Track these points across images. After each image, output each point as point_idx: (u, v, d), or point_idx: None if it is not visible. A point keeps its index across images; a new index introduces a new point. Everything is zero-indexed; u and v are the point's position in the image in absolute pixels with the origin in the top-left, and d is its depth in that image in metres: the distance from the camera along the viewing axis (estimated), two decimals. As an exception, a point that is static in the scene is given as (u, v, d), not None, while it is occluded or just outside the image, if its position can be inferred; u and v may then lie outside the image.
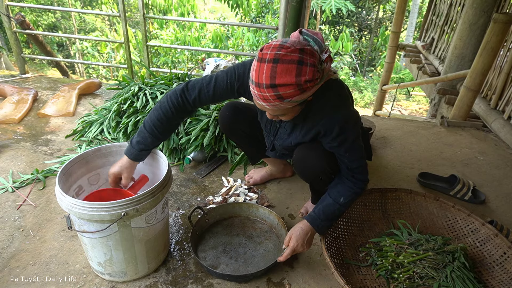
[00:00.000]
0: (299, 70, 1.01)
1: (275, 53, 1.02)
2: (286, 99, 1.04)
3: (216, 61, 2.60)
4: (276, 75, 1.01)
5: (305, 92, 1.05)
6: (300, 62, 1.01)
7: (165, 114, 1.34)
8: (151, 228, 1.24)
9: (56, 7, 7.90)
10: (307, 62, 1.02)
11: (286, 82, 1.01)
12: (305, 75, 1.01)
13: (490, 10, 3.31)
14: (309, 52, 1.03)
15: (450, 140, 2.57)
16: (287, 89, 1.02)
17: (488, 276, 1.35)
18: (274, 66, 1.01)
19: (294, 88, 1.02)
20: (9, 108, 2.55)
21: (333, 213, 1.32)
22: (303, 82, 1.02)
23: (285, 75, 1.01)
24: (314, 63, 1.03)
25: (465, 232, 1.51)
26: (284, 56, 1.01)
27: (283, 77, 1.01)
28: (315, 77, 1.04)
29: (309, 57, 1.03)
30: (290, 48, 1.02)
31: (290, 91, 1.02)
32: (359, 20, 10.88)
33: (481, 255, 1.42)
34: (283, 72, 1.01)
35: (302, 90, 1.03)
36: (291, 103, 1.07)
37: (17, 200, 1.70)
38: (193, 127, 2.12)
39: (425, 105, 8.63)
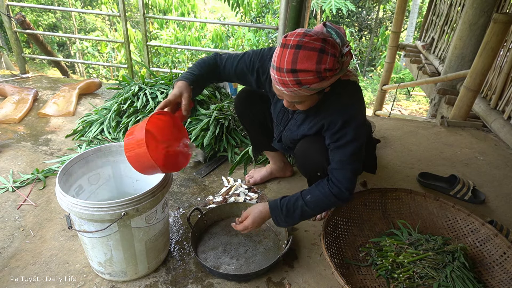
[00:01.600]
0: (320, 58, 1.04)
1: (298, 40, 1.05)
2: (305, 85, 1.07)
3: (216, 61, 2.60)
4: (298, 61, 1.04)
5: (324, 81, 1.08)
6: (322, 50, 1.04)
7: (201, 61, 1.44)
8: (151, 228, 1.24)
9: (56, 7, 7.91)
10: (328, 51, 1.05)
11: (307, 68, 1.04)
12: (325, 63, 1.04)
13: (490, 10, 3.31)
14: (331, 43, 1.07)
15: (450, 140, 2.57)
16: (306, 75, 1.05)
17: (488, 276, 1.35)
18: (296, 51, 1.04)
19: (314, 75, 1.05)
20: (10, 108, 2.55)
21: (295, 210, 1.27)
22: (322, 69, 1.04)
23: (306, 61, 1.04)
24: (335, 54, 1.06)
25: (465, 232, 1.51)
26: (307, 43, 1.04)
27: (304, 63, 1.04)
28: (335, 67, 1.07)
29: (331, 48, 1.06)
30: (313, 36, 1.05)
31: (310, 78, 1.05)
32: (359, 20, 10.88)
33: (481, 255, 1.42)
34: (304, 58, 1.04)
35: (321, 77, 1.06)
36: (309, 90, 1.09)
37: (18, 199, 1.70)
38: (193, 127, 2.12)
39: (425, 105, 8.63)
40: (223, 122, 2.14)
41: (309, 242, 1.55)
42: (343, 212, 1.55)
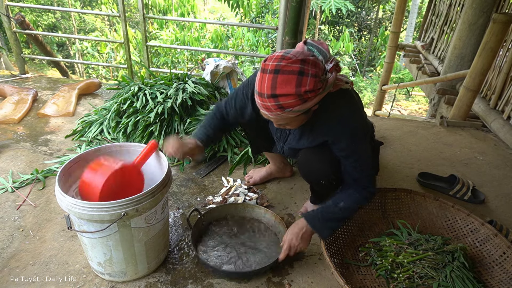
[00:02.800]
0: (299, 81, 1.03)
1: (276, 64, 1.04)
2: (287, 109, 1.06)
3: (216, 61, 2.60)
4: (277, 86, 1.04)
5: (307, 102, 1.06)
6: (301, 72, 1.03)
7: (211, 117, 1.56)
8: (151, 228, 1.24)
9: (56, 7, 7.90)
10: (308, 72, 1.03)
11: (286, 92, 1.03)
12: (305, 85, 1.03)
13: (489, 10, 3.31)
14: (311, 63, 1.05)
15: (450, 140, 2.57)
16: (287, 99, 1.04)
17: (487, 276, 1.35)
18: (275, 76, 1.04)
19: (295, 98, 1.04)
20: (9, 108, 2.55)
21: (331, 215, 1.31)
22: (303, 92, 1.03)
23: (285, 86, 1.03)
24: (316, 74, 1.05)
25: (465, 232, 1.52)
26: (285, 67, 1.03)
27: (283, 88, 1.03)
28: (317, 87, 1.05)
29: (311, 68, 1.04)
30: (291, 59, 1.04)
31: (291, 101, 1.04)
32: (359, 20, 10.88)
33: (481, 255, 1.43)
34: (283, 82, 1.03)
35: (303, 100, 1.05)
36: (293, 112, 1.08)
37: (17, 200, 1.70)
38: (193, 127, 2.12)
39: (425, 105, 8.63)
40: (223, 122, 2.13)
41: (309, 242, 1.55)
42: None
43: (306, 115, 1.17)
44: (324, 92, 1.10)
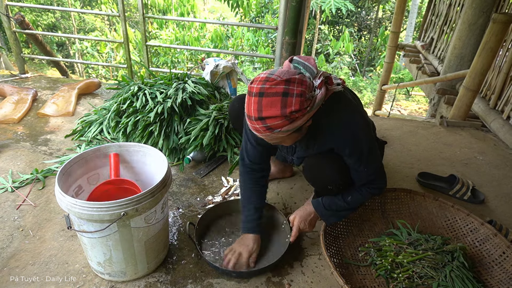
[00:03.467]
0: (284, 102, 1.02)
1: (260, 87, 1.04)
2: (276, 130, 1.06)
3: (216, 61, 2.60)
4: (262, 109, 1.04)
5: (295, 122, 1.06)
6: (285, 94, 1.03)
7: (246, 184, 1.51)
8: (151, 228, 1.24)
9: (55, 7, 7.90)
10: (293, 93, 1.03)
11: (272, 114, 1.03)
12: (290, 106, 1.03)
13: (489, 10, 3.31)
14: (297, 82, 1.04)
15: (450, 140, 2.57)
16: (274, 121, 1.04)
17: (487, 276, 1.35)
18: (260, 100, 1.04)
19: (282, 119, 1.04)
20: (9, 108, 2.55)
21: (337, 206, 1.37)
22: (288, 113, 1.03)
23: (270, 108, 1.03)
24: (301, 93, 1.04)
25: (464, 232, 1.52)
26: (269, 89, 1.03)
27: (268, 110, 1.03)
28: (303, 107, 1.05)
29: (296, 87, 1.04)
30: (275, 80, 1.03)
31: (278, 122, 1.04)
32: (359, 20, 10.88)
33: (480, 255, 1.43)
34: (268, 105, 1.03)
35: (290, 120, 1.05)
36: (282, 132, 1.08)
37: (17, 200, 1.70)
38: (192, 127, 2.12)
39: (425, 105, 8.63)
40: (223, 122, 2.13)
41: (309, 242, 1.55)
42: None
43: (299, 132, 1.17)
44: (313, 109, 1.10)
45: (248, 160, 1.49)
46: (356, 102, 1.33)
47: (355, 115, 1.25)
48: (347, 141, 1.23)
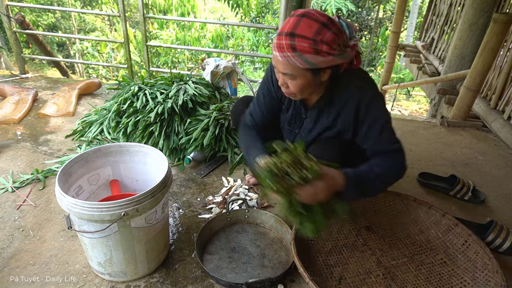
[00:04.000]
0: (320, 29, 1.05)
1: (306, 11, 1.09)
2: (298, 52, 1.07)
3: (216, 61, 2.60)
4: (298, 26, 1.06)
5: (318, 55, 1.06)
6: (325, 24, 1.06)
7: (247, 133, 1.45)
8: (151, 228, 1.24)
9: (56, 7, 7.91)
10: (331, 28, 1.06)
11: (304, 34, 1.05)
12: (324, 35, 1.05)
13: (490, 10, 3.31)
14: (336, 26, 1.09)
15: (450, 140, 2.57)
16: (302, 42, 1.05)
17: (453, 266, 1.38)
18: (300, 19, 1.07)
19: (310, 43, 1.05)
20: (9, 108, 2.55)
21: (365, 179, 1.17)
22: (319, 40, 1.05)
23: (305, 28, 1.05)
24: (337, 34, 1.07)
25: (428, 225, 1.54)
26: (313, 15, 1.07)
27: (303, 29, 1.05)
28: (333, 45, 1.07)
29: (335, 28, 1.07)
30: (322, 13, 1.09)
31: (305, 45, 1.05)
32: (359, 20, 10.87)
33: (445, 245, 1.46)
34: (305, 25, 1.06)
35: (316, 50, 1.06)
36: (302, 61, 1.08)
37: (17, 200, 1.70)
38: (193, 127, 2.12)
39: (425, 105, 8.63)
40: (223, 122, 2.13)
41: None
42: None
43: (314, 77, 1.15)
44: (339, 58, 1.10)
45: (250, 120, 1.48)
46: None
47: (373, 84, 1.25)
48: (363, 100, 1.20)
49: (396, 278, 1.32)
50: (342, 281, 1.32)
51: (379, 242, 1.50)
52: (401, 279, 1.32)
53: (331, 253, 1.44)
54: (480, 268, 1.30)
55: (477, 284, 1.27)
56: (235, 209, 1.64)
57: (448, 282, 1.31)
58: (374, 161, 1.23)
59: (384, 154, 1.23)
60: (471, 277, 1.30)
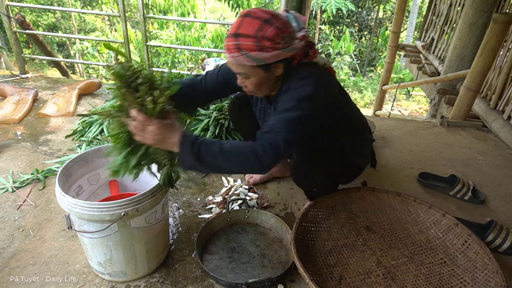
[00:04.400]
0: (261, 26, 1.08)
1: (250, 10, 1.12)
2: (243, 51, 1.09)
3: (216, 61, 2.60)
4: (241, 26, 1.10)
5: (263, 52, 1.09)
6: (267, 21, 1.08)
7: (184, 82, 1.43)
8: (151, 228, 1.24)
9: (56, 7, 7.91)
10: (273, 23, 1.09)
11: (246, 33, 1.08)
12: (265, 31, 1.07)
13: (490, 10, 3.31)
14: (281, 20, 1.11)
15: (450, 140, 2.57)
16: (246, 41, 1.08)
17: (453, 266, 1.37)
18: (243, 19, 1.11)
19: (253, 41, 1.08)
20: (9, 108, 2.55)
21: (207, 151, 1.08)
22: (260, 36, 1.07)
23: (247, 27, 1.09)
24: (280, 28, 1.09)
25: (428, 224, 1.55)
26: (254, 13, 1.10)
27: (245, 28, 1.09)
28: (276, 40, 1.08)
29: (278, 22, 1.09)
30: (265, 10, 1.11)
31: (248, 43, 1.08)
32: (359, 20, 10.88)
33: (445, 245, 1.46)
34: (247, 24, 1.09)
35: (259, 46, 1.08)
36: (249, 59, 1.10)
37: (17, 200, 1.70)
38: (193, 127, 2.12)
39: (425, 105, 8.63)
40: (223, 122, 2.13)
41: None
42: (310, 217, 1.53)
43: (266, 73, 1.17)
44: (286, 51, 1.12)
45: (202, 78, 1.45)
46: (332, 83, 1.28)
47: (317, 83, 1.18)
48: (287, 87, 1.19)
49: (396, 278, 1.32)
50: (342, 281, 1.32)
51: (379, 242, 1.49)
52: (401, 279, 1.32)
53: (331, 253, 1.44)
54: (480, 268, 1.30)
55: (477, 284, 1.27)
56: (235, 209, 1.64)
57: (448, 282, 1.31)
58: (233, 141, 1.22)
59: (260, 137, 1.14)
60: (471, 277, 1.30)
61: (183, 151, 1.06)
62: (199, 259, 1.37)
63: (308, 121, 1.16)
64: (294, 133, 1.13)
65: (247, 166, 1.13)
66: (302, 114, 1.14)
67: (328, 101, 1.24)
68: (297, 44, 1.14)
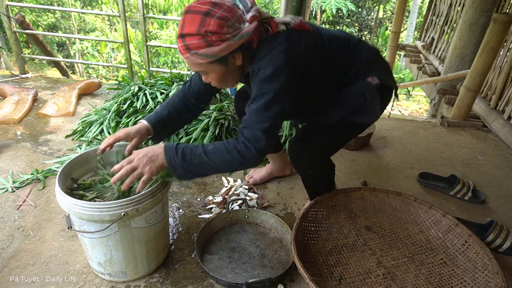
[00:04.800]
0: (202, 21, 1.01)
1: (188, 5, 1.06)
2: (193, 51, 1.05)
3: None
4: (184, 25, 1.04)
5: (213, 46, 1.03)
6: (207, 13, 1.02)
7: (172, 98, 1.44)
8: (151, 228, 1.23)
9: (56, 7, 7.91)
10: (214, 14, 1.02)
11: (190, 31, 1.03)
12: (208, 26, 1.01)
13: (490, 10, 3.31)
14: (224, 7, 1.04)
15: (450, 140, 2.57)
16: (192, 39, 1.03)
17: (453, 266, 1.37)
18: (185, 16, 1.05)
19: (198, 38, 1.02)
20: (9, 108, 2.55)
21: (192, 156, 1.11)
22: (203, 32, 1.01)
23: (190, 25, 1.03)
24: (224, 17, 1.02)
25: (428, 225, 1.55)
26: (193, 7, 1.04)
27: (188, 27, 1.03)
28: (222, 31, 1.02)
29: (220, 11, 1.03)
30: (204, 1, 1.04)
31: (195, 42, 1.03)
32: (359, 20, 10.88)
33: (445, 246, 1.46)
34: (189, 22, 1.03)
35: (207, 42, 1.03)
36: (201, 56, 1.06)
37: (17, 200, 1.70)
38: (193, 127, 2.12)
39: (425, 105, 8.63)
40: (223, 122, 2.13)
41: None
42: (310, 217, 1.53)
43: (224, 66, 1.12)
44: (237, 40, 1.05)
45: (188, 85, 1.43)
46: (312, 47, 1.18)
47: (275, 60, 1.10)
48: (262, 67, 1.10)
49: (396, 278, 1.32)
50: (342, 281, 1.32)
51: (379, 242, 1.49)
52: (401, 279, 1.32)
53: (331, 253, 1.44)
54: (480, 269, 1.30)
55: (477, 284, 1.27)
56: (235, 209, 1.64)
57: (448, 282, 1.31)
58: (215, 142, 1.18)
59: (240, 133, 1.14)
60: (471, 277, 1.30)
61: (169, 158, 1.11)
62: (199, 259, 1.37)
63: (278, 100, 1.11)
64: (268, 120, 1.10)
65: (236, 165, 1.15)
66: (268, 99, 1.10)
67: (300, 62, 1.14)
68: (247, 28, 1.06)
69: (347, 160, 2.21)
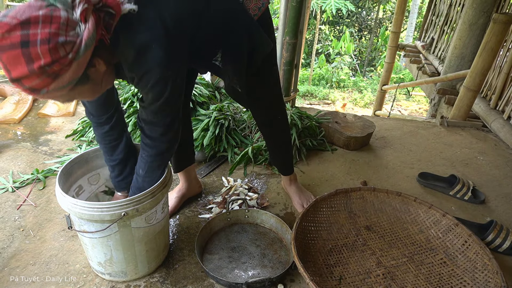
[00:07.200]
0: (26, 56, 0.76)
1: None
2: (43, 90, 0.82)
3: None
4: (9, 68, 0.78)
5: (61, 77, 0.81)
6: (24, 43, 0.75)
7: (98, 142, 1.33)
8: (151, 228, 1.24)
9: (56, 7, 7.89)
10: (35, 40, 0.75)
11: (22, 74, 0.78)
12: (38, 59, 0.76)
13: (490, 10, 3.31)
14: (41, 21, 0.76)
15: (450, 140, 2.57)
16: (32, 81, 0.79)
17: (453, 266, 1.38)
18: (1, 56, 0.78)
19: (38, 77, 0.78)
20: (9, 108, 2.55)
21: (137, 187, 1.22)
22: (38, 69, 0.77)
23: (15, 67, 0.77)
24: (48, 38, 0.76)
25: (428, 224, 1.55)
26: (2, 41, 0.75)
27: (15, 70, 0.78)
28: (58, 56, 0.78)
29: (41, 29, 0.76)
30: (7, 25, 0.75)
31: (37, 82, 0.79)
32: (359, 20, 10.89)
33: (445, 245, 1.46)
34: (11, 63, 0.77)
35: (51, 75, 0.80)
36: (56, 90, 0.83)
37: (17, 200, 1.70)
38: (193, 127, 2.12)
39: (425, 105, 8.63)
40: (223, 122, 2.14)
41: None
42: (310, 217, 1.53)
43: (89, 82, 0.92)
44: (83, 53, 0.82)
45: (91, 115, 1.25)
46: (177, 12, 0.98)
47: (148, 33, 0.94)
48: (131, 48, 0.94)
49: (396, 278, 1.33)
50: (342, 281, 1.32)
51: (379, 242, 1.50)
52: (401, 279, 1.32)
53: (331, 253, 1.45)
54: (480, 269, 1.30)
55: (476, 284, 1.27)
56: (235, 209, 1.64)
57: (448, 282, 1.31)
58: (139, 160, 1.18)
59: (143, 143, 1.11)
60: (471, 277, 1.30)
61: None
62: (199, 259, 1.37)
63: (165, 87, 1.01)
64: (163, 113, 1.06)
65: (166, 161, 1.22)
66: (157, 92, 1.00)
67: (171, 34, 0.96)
68: (86, 31, 0.81)
69: (347, 160, 2.21)
